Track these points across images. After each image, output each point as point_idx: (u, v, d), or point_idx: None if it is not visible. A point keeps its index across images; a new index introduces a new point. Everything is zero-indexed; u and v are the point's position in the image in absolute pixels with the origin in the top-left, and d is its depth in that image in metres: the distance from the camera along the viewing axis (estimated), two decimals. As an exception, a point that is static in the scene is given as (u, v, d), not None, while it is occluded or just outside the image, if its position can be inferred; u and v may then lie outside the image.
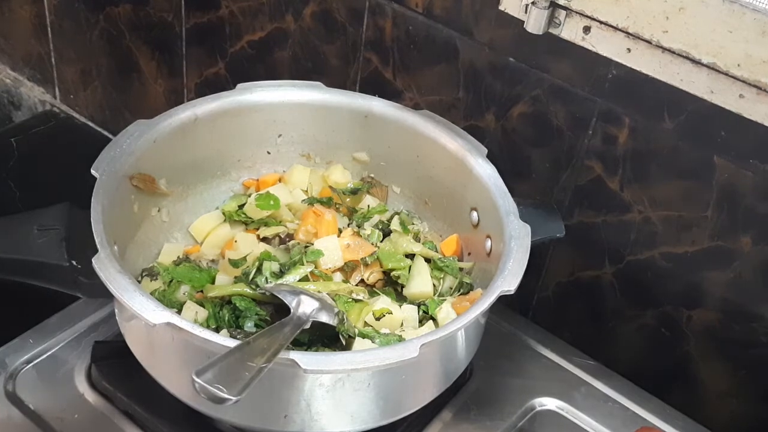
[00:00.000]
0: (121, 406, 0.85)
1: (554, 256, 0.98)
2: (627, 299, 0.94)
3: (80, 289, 0.77)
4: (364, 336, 0.78)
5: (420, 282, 0.87)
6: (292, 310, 0.75)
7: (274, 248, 0.90)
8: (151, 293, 0.79)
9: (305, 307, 0.76)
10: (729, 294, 0.86)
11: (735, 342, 0.88)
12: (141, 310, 0.68)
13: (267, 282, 0.83)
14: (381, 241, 0.91)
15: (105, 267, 0.70)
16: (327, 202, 0.95)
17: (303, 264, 0.85)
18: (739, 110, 0.74)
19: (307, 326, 0.74)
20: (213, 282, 0.85)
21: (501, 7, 0.84)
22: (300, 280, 0.84)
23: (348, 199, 0.96)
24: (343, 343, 0.78)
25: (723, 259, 0.85)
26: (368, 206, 0.96)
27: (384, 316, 0.82)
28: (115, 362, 0.86)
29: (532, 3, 0.80)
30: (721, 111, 0.75)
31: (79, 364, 0.89)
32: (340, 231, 0.92)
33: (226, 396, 0.60)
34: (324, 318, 0.76)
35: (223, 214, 0.94)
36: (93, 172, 0.79)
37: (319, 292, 0.81)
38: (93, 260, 0.70)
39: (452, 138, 0.90)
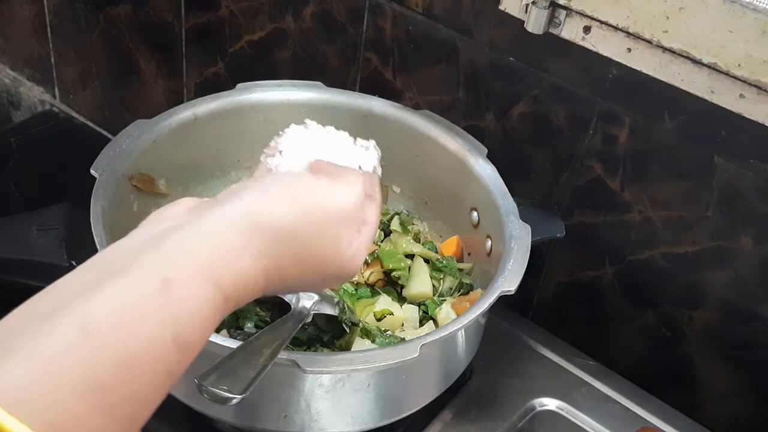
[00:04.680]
0: (121, 406, 0.85)
1: (554, 256, 0.98)
2: (627, 299, 0.94)
3: (80, 289, 0.77)
4: (368, 332, 0.79)
5: (419, 282, 0.87)
6: (292, 306, 0.75)
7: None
8: (151, 293, 0.79)
9: (305, 301, 0.76)
10: (729, 294, 0.86)
11: (735, 342, 0.88)
12: (141, 311, 0.68)
13: (267, 282, 0.83)
14: (381, 241, 0.91)
15: (104, 267, 0.70)
16: (327, 203, 0.95)
17: (303, 264, 0.85)
18: (740, 110, 0.74)
19: (309, 320, 0.74)
20: (213, 282, 0.85)
21: (501, 7, 0.84)
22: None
23: (348, 200, 0.96)
24: (347, 330, 0.78)
25: (723, 259, 0.85)
26: (368, 206, 0.96)
27: (385, 317, 0.82)
28: (114, 362, 0.86)
29: (533, 3, 0.80)
30: (721, 111, 0.75)
31: (79, 364, 0.89)
32: (340, 231, 0.92)
33: (231, 395, 0.60)
34: (325, 309, 0.76)
35: (223, 214, 0.94)
36: (93, 172, 0.79)
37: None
38: (93, 260, 0.70)
39: (452, 138, 0.90)
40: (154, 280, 0.44)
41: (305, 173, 0.60)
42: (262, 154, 0.64)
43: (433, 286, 0.88)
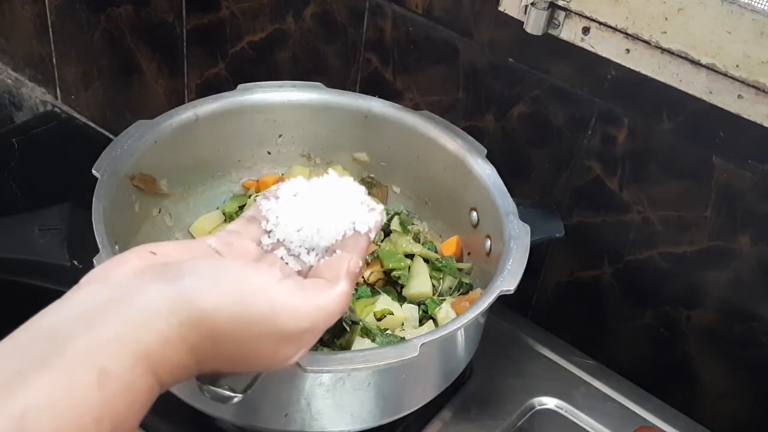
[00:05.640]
0: (122, 405, 0.85)
1: (554, 256, 0.99)
2: (626, 299, 0.95)
3: (81, 288, 0.78)
4: (368, 331, 0.79)
5: (419, 282, 0.87)
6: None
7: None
8: (152, 293, 0.80)
9: None
10: (728, 294, 0.86)
11: (734, 342, 0.88)
12: (142, 310, 0.68)
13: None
14: (381, 241, 0.92)
15: (106, 267, 0.70)
16: (327, 203, 0.95)
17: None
18: (738, 111, 0.74)
19: None
20: (214, 282, 0.85)
21: (500, 8, 0.84)
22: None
23: (348, 200, 0.96)
24: (347, 330, 0.78)
25: (722, 259, 0.85)
26: (368, 206, 0.96)
27: (385, 316, 0.83)
28: (116, 362, 0.86)
29: (532, 4, 0.80)
30: (719, 111, 0.75)
31: (81, 363, 0.89)
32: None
33: (232, 394, 0.60)
34: None
35: (224, 214, 0.94)
36: (94, 172, 0.79)
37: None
38: (94, 260, 0.71)
39: (452, 138, 0.90)
40: (90, 372, 0.43)
41: (273, 270, 0.54)
42: (260, 195, 0.62)
43: (433, 285, 0.88)
